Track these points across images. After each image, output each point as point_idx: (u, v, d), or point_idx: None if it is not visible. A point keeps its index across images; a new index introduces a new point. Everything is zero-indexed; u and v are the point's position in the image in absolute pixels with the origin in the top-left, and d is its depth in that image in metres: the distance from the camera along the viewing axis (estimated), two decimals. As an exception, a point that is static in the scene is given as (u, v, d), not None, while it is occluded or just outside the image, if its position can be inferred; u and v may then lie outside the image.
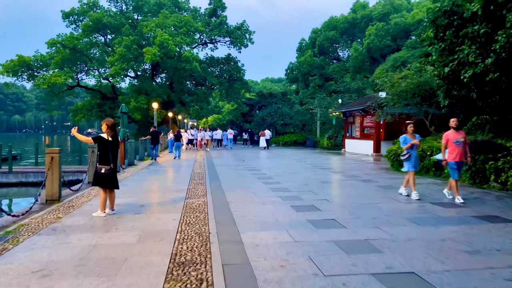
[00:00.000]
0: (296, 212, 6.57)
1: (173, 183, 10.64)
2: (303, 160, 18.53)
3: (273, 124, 37.54)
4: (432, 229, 5.50)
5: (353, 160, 18.53)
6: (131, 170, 13.80)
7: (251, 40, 38.13)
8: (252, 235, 5.13)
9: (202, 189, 9.18)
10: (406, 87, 16.60)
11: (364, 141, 22.77)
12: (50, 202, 7.51)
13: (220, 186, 9.69)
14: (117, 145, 6.52)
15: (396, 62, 25.01)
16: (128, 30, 31.89)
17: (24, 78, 34.64)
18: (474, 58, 7.37)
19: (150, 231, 5.36)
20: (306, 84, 37.86)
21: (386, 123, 20.52)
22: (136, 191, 9.06)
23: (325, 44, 37.12)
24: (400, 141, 8.01)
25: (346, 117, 25.75)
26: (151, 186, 9.98)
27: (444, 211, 6.69)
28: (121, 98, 32.64)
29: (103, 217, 6.26)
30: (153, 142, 18.87)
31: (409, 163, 7.86)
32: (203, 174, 12.45)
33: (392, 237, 5.07)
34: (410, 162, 7.85)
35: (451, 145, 7.46)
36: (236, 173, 12.93)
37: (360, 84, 28.62)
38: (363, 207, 6.97)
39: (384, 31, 29.13)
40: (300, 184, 10.06)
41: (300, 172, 13.16)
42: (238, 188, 9.42)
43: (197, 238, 5.02)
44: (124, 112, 17.36)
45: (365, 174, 12.20)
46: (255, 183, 10.34)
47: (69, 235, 5.18)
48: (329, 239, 4.96)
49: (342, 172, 13.04)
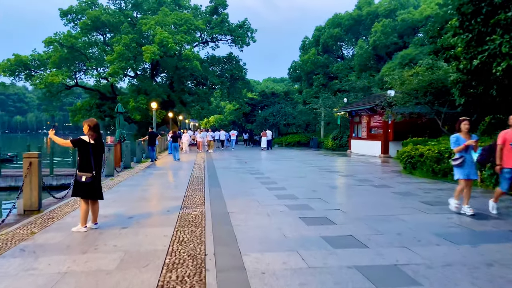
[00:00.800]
0: (307, 226, 5.70)
1: (168, 189, 9.78)
2: (308, 162, 17.65)
3: (275, 124, 36.67)
4: (471, 249, 4.62)
5: (360, 162, 17.63)
6: (126, 173, 12.96)
7: (253, 38, 37.28)
8: (257, 258, 4.27)
9: (201, 197, 8.31)
10: (417, 84, 15.70)
11: (371, 141, 21.86)
12: (29, 213, 6.67)
13: (220, 193, 8.82)
14: (101, 149, 5.66)
15: (404, 59, 24.09)
16: (127, 29, 31.08)
17: (21, 78, 33.91)
18: (508, 48, 6.46)
19: (134, 253, 4.49)
20: (310, 83, 36.91)
21: (395, 123, 19.61)
22: (127, 198, 8.21)
23: (329, 42, 36.14)
24: (451, 141, 6.54)
25: (352, 117, 24.84)
26: (145, 192, 9.12)
27: (477, 224, 5.80)
28: (119, 98, 31.83)
29: (84, 232, 5.41)
30: (151, 143, 18.03)
31: (462, 170, 6.34)
32: (202, 178, 11.59)
33: (426, 261, 4.19)
34: (462, 169, 6.33)
35: (508, 148, 6.07)
36: (237, 177, 12.07)
37: (366, 82, 27.70)
38: (383, 220, 6.09)
39: (391, 27, 28.18)
40: (307, 190, 9.18)
41: (306, 175, 12.27)
42: (240, 195, 8.55)
43: (190, 262, 4.15)
44: (120, 112, 16.56)
45: (377, 178, 11.30)
46: (259, 188, 9.47)
47: (39, 258, 4.32)
48: (351, 263, 4.09)
49: (352, 175, 12.15)
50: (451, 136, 6.59)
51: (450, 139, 6.64)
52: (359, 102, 25.00)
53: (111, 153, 12.24)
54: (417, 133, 18.55)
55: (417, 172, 12.02)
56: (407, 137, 18.54)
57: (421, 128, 19.10)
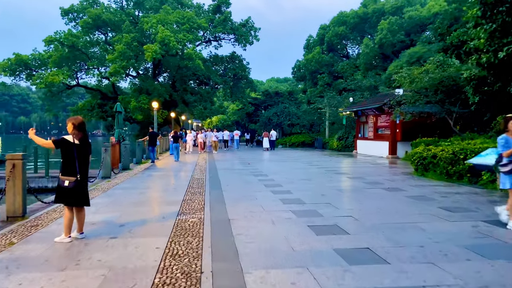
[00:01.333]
0: (317, 236, 5.10)
1: (166, 192, 9.21)
2: (314, 163, 17.04)
3: (279, 124, 36.05)
4: (507, 265, 4.00)
5: (368, 163, 16.99)
6: (124, 175, 12.41)
7: (256, 37, 36.71)
8: (261, 278, 3.68)
9: (200, 201, 7.74)
10: (428, 82, 15.05)
11: (378, 142, 21.21)
12: (12, 219, 6.12)
13: (222, 196, 8.24)
14: (87, 150, 5.09)
15: (412, 57, 23.40)
16: (129, 27, 30.61)
17: (22, 77, 33.58)
18: (538, 39, 5.86)
19: (120, 270, 3.92)
20: (314, 82, 36.23)
21: (403, 123, 18.95)
22: (121, 203, 7.64)
23: (334, 40, 35.42)
24: (498, 143, 5.57)
25: (358, 117, 24.20)
26: (141, 196, 8.56)
27: (507, 234, 5.17)
28: (121, 97, 31.37)
29: (68, 243, 4.84)
30: (151, 144, 17.50)
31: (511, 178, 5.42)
32: (203, 180, 11.02)
33: (459, 281, 3.58)
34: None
35: None
36: (240, 179, 11.48)
37: (373, 81, 27.02)
38: (401, 229, 5.48)
39: (398, 25, 27.47)
40: (315, 193, 8.58)
41: (312, 178, 11.67)
42: (243, 199, 7.97)
43: (183, 282, 3.57)
44: (119, 112, 16.03)
45: (388, 181, 10.68)
46: (262, 192, 8.88)
47: (10, 276, 3.76)
48: (371, 284, 3.49)
49: (361, 177, 11.53)
50: (499, 137, 5.62)
51: (498, 140, 5.62)
52: (365, 101, 24.34)
53: (108, 154, 11.70)
54: (426, 133, 17.90)
55: (429, 174, 11.38)
56: (416, 137, 17.89)
57: (430, 128, 18.44)
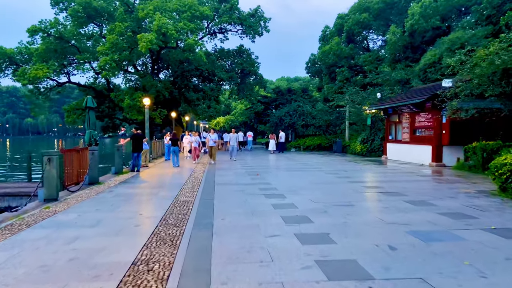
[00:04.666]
0: None
1: (117, 237, 5.47)
2: (341, 173, 13.22)
3: (292, 125, 32.22)
4: None
5: (413, 174, 13.10)
6: (82, 195, 8.78)
7: (266, 28, 32.96)
8: None
9: (163, 267, 4.03)
10: (500, 66, 11.16)
11: (416, 146, 17.28)
12: None
13: (207, 251, 4.52)
14: None
15: (454, 44, 19.43)
16: (122, 15, 27.09)
17: (7, 74, 30.41)
18: None
19: None
20: (332, 77, 32.25)
21: (451, 122, 15.05)
22: (26, 263, 3.96)
23: (355, 30, 31.37)
24: None
25: (388, 115, 20.29)
26: (59, 253, 4.85)
27: None
28: (113, 94, 27.93)
29: None
30: (136, 149, 13.89)
31: None
32: (189, 207, 7.31)
33: None
34: None
35: None
36: (245, 204, 7.69)
37: (404, 74, 23.05)
38: None
39: (432, 9, 23.49)
40: (376, 241, 4.80)
41: (353, 201, 7.83)
42: (245, 258, 4.22)
43: None
44: (89, 107, 12.43)
45: (473, 209, 6.84)
46: (281, 236, 5.13)
47: None
48: None
49: (428, 203, 7.68)
50: None
51: None
52: (398, 97, 20.42)
53: (54, 165, 8.05)
54: (485, 135, 14.04)
55: (531, 198, 7.52)
56: (469, 140, 14.02)
57: (489, 129, 14.55)
